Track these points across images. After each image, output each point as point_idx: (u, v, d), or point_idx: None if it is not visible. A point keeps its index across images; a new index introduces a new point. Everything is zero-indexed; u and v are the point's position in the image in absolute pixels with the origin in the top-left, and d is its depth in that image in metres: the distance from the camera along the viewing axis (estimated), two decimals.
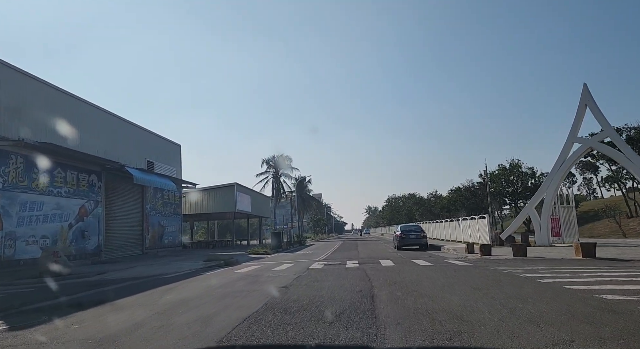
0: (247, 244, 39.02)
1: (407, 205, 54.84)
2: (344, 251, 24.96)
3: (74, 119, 19.84)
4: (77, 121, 20.04)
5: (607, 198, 39.11)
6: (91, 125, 21.49)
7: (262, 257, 22.17)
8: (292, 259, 19.20)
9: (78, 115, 20.52)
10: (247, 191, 38.83)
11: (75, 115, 20.28)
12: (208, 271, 14.85)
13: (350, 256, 19.59)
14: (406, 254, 20.18)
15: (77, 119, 20.15)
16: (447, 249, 20.89)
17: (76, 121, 19.95)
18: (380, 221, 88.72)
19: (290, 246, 36.79)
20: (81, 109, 21.08)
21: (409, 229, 24.52)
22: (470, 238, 23.93)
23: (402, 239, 23.82)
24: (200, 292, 8.96)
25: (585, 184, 44.64)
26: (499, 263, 13.24)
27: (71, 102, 20.32)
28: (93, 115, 22.04)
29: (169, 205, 28.83)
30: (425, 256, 17.88)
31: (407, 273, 10.99)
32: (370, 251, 24.53)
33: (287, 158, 64.40)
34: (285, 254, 24.58)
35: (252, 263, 18.35)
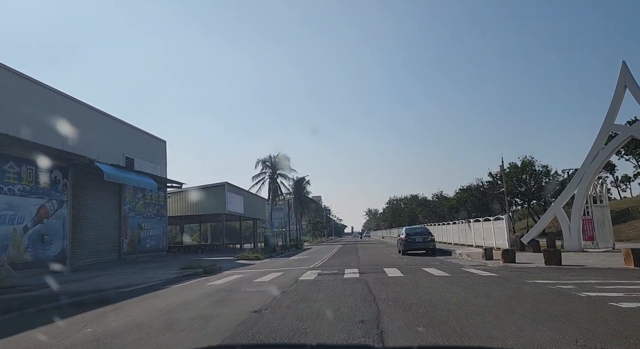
0: (240, 248, 36.55)
1: (410, 207, 52.35)
2: (342, 256, 22.52)
3: (37, 107, 17.45)
4: (41, 109, 17.65)
5: (628, 198, 36.70)
6: (59, 115, 19.08)
7: (251, 264, 19.71)
8: (283, 267, 16.75)
9: (43, 103, 18.14)
10: (240, 191, 36.40)
11: (40, 103, 17.89)
12: (180, 281, 12.39)
13: (349, 263, 17.14)
14: (413, 260, 17.73)
15: (41, 107, 17.76)
16: (460, 255, 18.45)
17: (40, 110, 17.56)
18: (381, 224, 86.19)
19: (286, 250, 34.30)
20: (48, 97, 18.68)
21: (415, 232, 22.07)
22: (484, 242, 21.48)
23: (407, 243, 21.38)
24: (141, 319, 6.50)
25: (598, 183, 41.99)
26: (532, 274, 10.79)
27: (35, 89, 17.92)
28: (62, 104, 19.64)
29: (151, 206, 26.38)
30: (436, 263, 15.43)
31: (423, 289, 8.54)
32: (371, 256, 22.07)
33: (285, 158, 61.91)
34: (278, 260, 22.12)
35: (236, 270, 15.90)
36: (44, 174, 16.90)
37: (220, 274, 14.60)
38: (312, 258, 22.36)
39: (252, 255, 24.14)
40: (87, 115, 21.52)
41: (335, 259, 20.68)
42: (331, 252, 27.42)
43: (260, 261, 21.79)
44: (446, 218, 33.87)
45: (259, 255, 24.53)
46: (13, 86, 16.71)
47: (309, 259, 21.27)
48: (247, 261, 22.71)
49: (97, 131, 21.97)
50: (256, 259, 23.33)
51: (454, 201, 26.06)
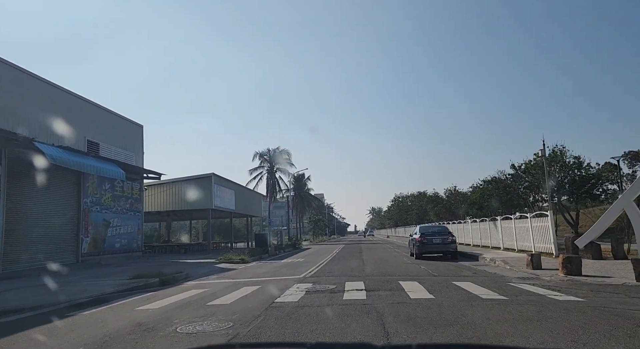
0: (231, 248, 32.92)
1: (419, 203, 48.39)
2: (344, 260, 18.77)
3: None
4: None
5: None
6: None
7: (230, 269, 16.00)
8: (266, 275, 13.01)
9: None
10: (231, 184, 32.69)
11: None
12: (107, 302, 8.68)
13: (351, 270, 13.41)
14: (433, 266, 13.94)
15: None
16: (492, 261, 14.66)
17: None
18: (386, 222, 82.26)
19: (281, 250, 30.58)
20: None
21: (432, 231, 18.29)
22: (516, 244, 17.66)
23: (423, 245, 17.61)
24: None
25: (629, 179, 38.11)
26: (635, 298, 7.00)
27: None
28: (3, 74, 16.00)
29: (122, 199, 22.72)
30: (467, 273, 11.66)
31: (479, 329, 4.75)
32: (379, 259, 18.31)
33: (285, 152, 58.21)
34: (266, 264, 18.41)
35: (203, 281, 12.19)
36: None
37: (177, 287, 10.88)
38: (308, 262, 18.64)
39: (238, 257, 20.43)
40: (35, 88, 17.86)
41: (335, 263, 16.94)
42: (331, 254, 23.69)
43: (244, 266, 18.09)
44: (461, 216, 30.08)
45: (245, 257, 20.82)
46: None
47: (303, 264, 17.55)
48: (230, 264, 19.03)
49: (51, 108, 18.29)
50: (241, 263, 19.65)
51: (476, 195, 22.36)
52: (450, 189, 33.80)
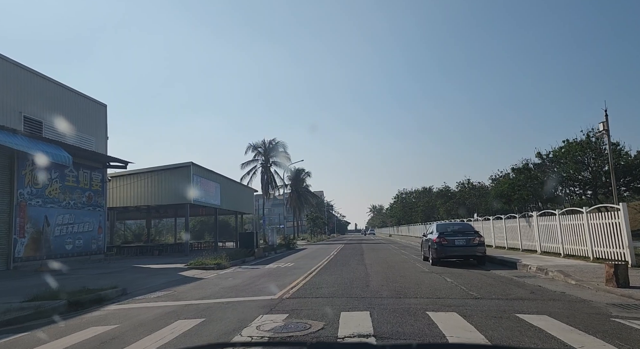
0: (215, 248, 29.15)
1: (424, 200, 44.53)
2: (341, 266, 14.99)
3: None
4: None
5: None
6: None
7: (190, 281, 12.23)
8: (228, 294, 9.20)
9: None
10: (215, 177, 28.86)
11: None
12: None
13: (350, 284, 9.61)
14: (464, 279, 10.14)
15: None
16: (539, 270, 10.89)
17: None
18: (388, 220, 78.37)
19: (271, 252, 26.83)
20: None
21: (453, 231, 14.51)
22: (561, 247, 13.81)
23: (442, 247, 13.82)
24: None
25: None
26: None
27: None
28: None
29: (76, 192, 18.94)
30: (522, 294, 7.85)
31: None
32: (385, 265, 14.51)
33: (281, 144, 54.36)
34: (242, 272, 14.63)
35: (126, 306, 8.41)
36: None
37: (79, 318, 7.12)
38: (297, 269, 14.87)
39: (213, 262, 16.67)
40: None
41: (330, 271, 13.14)
42: (327, 257, 19.91)
43: (216, 273, 14.32)
44: (481, 212, 26.23)
45: (222, 261, 17.05)
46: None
47: (290, 272, 13.76)
48: (200, 271, 15.27)
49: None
50: (215, 268, 15.92)
51: (504, 186, 18.58)
52: (462, 182, 29.98)
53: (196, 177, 25.09)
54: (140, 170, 23.77)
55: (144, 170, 23.77)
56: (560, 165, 22.81)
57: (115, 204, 24.20)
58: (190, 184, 24.19)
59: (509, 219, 18.32)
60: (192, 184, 24.37)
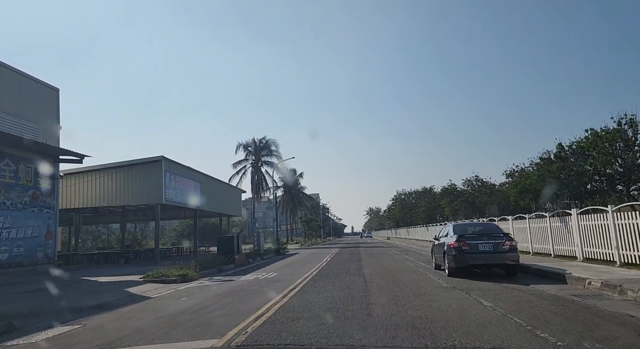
0: (194, 254, 25.95)
1: (427, 199, 41.42)
2: (334, 278, 11.90)
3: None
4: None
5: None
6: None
7: (130, 302, 9.13)
8: (158, 329, 6.07)
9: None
10: (194, 174, 25.67)
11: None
12: None
13: (343, 310, 6.52)
14: (506, 302, 7.09)
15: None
16: (609, 288, 7.88)
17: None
18: (386, 223, 75.25)
19: (257, 257, 23.70)
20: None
21: (475, 233, 11.49)
22: (616, 252, 10.77)
23: (463, 254, 10.80)
24: None
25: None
26: None
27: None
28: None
29: (15, 190, 15.76)
30: (627, 335, 4.75)
31: None
32: (390, 277, 11.41)
33: (272, 142, 51.32)
34: (206, 288, 11.51)
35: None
36: None
37: None
38: (276, 281, 11.77)
39: (177, 273, 13.57)
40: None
41: (318, 287, 10.04)
42: (319, 265, 16.80)
43: (173, 289, 11.22)
44: (496, 212, 23.18)
45: (189, 272, 13.94)
46: None
47: (265, 287, 10.66)
48: (156, 285, 12.18)
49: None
50: (177, 281, 12.85)
51: (531, 179, 15.52)
52: (470, 179, 26.89)
53: (169, 174, 21.90)
54: (104, 166, 20.55)
55: (109, 165, 20.53)
56: (585, 158, 19.70)
57: (74, 205, 20.94)
58: (162, 182, 21.00)
59: (536, 219, 15.26)
60: (165, 182, 21.19)
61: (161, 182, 21.02)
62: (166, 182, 21.47)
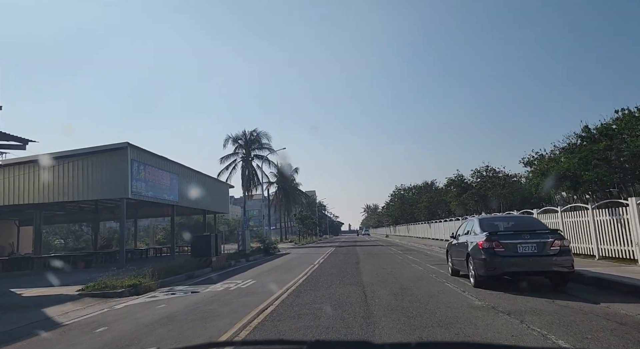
0: (172, 256, 23.07)
1: (429, 194, 38.64)
2: (324, 288, 9.12)
3: None
4: None
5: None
6: None
7: (26, 336, 6.24)
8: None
9: None
10: (169, 165, 22.68)
11: None
12: None
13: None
14: (596, 341, 4.23)
15: None
16: None
17: None
18: (385, 220, 72.50)
19: (241, 259, 20.86)
20: None
21: (513, 229, 8.68)
22: None
23: (497, 258, 8.04)
24: None
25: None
26: None
27: None
28: None
29: None
30: None
31: None
32: (398, 290, 8.61)
33: (263, 135, 48.46)
34: (152, 305, 8.68)
35: None
36: None
37: None
38: (249, 295, 8.96)
39: (127, 283, 10.69)
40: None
41: (300, 305, 7.25)
42: (307, 269, 13.99)
43: (106, 309, 8.42)
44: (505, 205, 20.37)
45: (145, 281, 11.15)
46: None
47: (231, 305, 7.86)
48: (95, 300, 9.38)
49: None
50: (126, 295, 10.04)
51: (571, 162, 12.68)
52: (480, 169, 23.90)
53: (138, 164, 18.95)
54: (57, 154, 17.59)
55: (62, 154, 17.54)
56: (616, 140, 16.74)
57: (16, 201, 17.87)
58: (128, 172, 18.08)
59: (572, 212, 12.46)
60: (131, 173, 18.25)
61: (127, 173, 18.09)
62: (133, 173, 18.54)
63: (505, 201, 21.25)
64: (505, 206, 20.64)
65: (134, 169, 18.73)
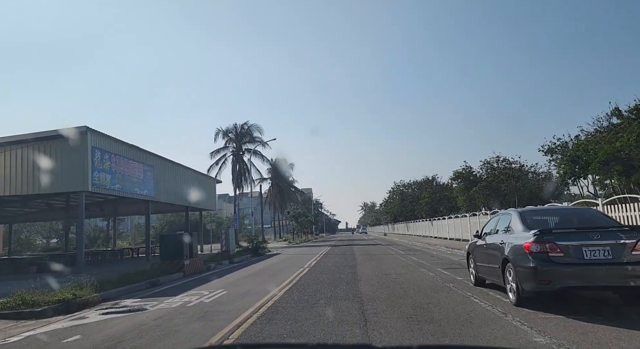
0: (147, 258, 20.52)
1: (431, 190, 36.26)
2: (309, 307, 6.69)
3: None
4: None
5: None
6: None
7: None
8: None
9: None
10: (142, 155, 20.01)
11: None
12: None
13: None
14: None
15: None
16: None
17: None
18: (383, 217, 70.14)
19: (224, 260, 18.40)
20: None
21: (575, 227, 6.19)
22: None
23: (555, 266, 5.61)
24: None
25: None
26: None
27: None
28: None
29: None
30: None
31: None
32: (415, 312, 6.16)
33: (256, 128, 45.92)
34: (51, 338, 6.14)
35: None
36: None
37: None
38: (202, 320, 6.51)
39: (58, 297, 8.23)
40: None
41: (272, 337, 4.75)
42: (294, 275, 11.57)
43: (2, 342, 5.88)
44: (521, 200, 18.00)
45: (81, 294, 8.68)
46: None
47: (164, 344, 5.34)
48: (7, 323, 6.85)
49: None
50: (49, 315, 7.70)
51: (629, 138, 10.35)
52: (489, 161, 21.40)
53: (101, 152, 16.40)
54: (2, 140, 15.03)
55: (4, 140, 14.95)
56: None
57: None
58: (88, 162, 15.54)
59: (623, 205, 10.03)
60: (91, 162, 15.72)
61: (86, 162, 15.54)
62: (94, 162, 16.00)
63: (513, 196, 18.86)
64: (512, 202, 18.25)
65: (96, 158, 16.21)
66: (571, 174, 12.97)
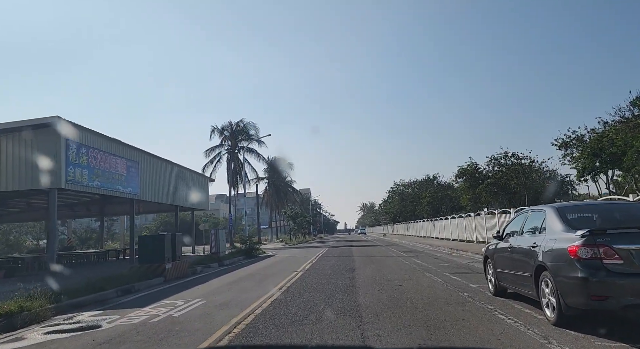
0: (118, 259, 19.11)
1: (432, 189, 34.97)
2: (295, 325, 5.33)
3: None
4: None
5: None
6: None
7: None
8: None
9: None
10: (124, 150, 18.62)
11: None
12: None
13: None
14: None
15: None
16: None
17: None
18: (382, 218, 68.78)
19: (212, 263, 17.09)
20: None
21: (637, 226, 4.75)
22: None
23: (615, 278, 4.29)
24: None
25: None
26: None
27: None
28: None
29: None
30: None
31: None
32: (431, 335, 4.87)
33: (252, 126, 44.63)
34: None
35: None
36: None
37: None
38: (175, 334, 5.11)
39: (2, 309, 6.88)
40: None
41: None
42: (285, 281, 10.26)
43: None
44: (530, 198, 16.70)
45: (32, 306, 7.34)
46: None
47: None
48: None
49: None
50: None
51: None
52: (497, 157, 20.07)
53: (77, 145, 15.05)
54: None
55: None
56: None
57: None
58: (61, 156, 14.21)
59: None
60: (66, 156, 14.38)
61: (59, 156, 14.19)
62: (69, 157, 14.65)
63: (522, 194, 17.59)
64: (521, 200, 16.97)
65: (71, 152, 14.85)
66: (591, 170, 11.73)
